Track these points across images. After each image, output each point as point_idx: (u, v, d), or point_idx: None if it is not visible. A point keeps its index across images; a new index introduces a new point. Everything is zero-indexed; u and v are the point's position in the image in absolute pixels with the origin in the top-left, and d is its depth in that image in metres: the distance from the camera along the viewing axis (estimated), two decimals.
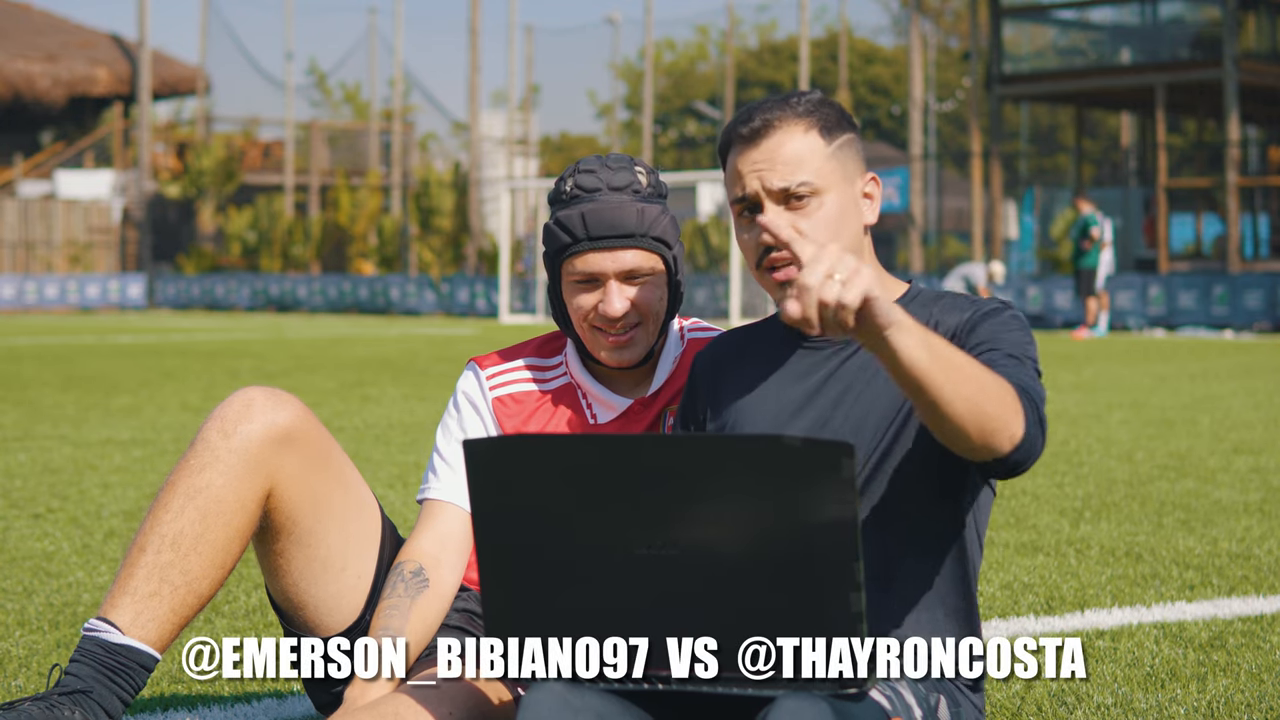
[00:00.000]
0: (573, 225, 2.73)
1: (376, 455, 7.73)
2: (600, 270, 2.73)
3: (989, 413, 2.16)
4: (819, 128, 2.47)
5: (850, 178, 2.49)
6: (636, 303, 2.75)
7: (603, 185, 2.75)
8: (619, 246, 2.73)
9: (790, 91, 2.53)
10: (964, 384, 2.13)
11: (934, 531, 2.46)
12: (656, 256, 2.76)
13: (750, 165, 2.46)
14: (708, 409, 2.62)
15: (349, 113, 58.75)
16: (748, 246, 2.48)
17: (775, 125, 2.45)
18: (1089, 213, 22.98)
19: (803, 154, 2.44)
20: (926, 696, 2.36)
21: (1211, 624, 4.03)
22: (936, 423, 2.16)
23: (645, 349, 2.80)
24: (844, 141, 2.49)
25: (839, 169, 2.47)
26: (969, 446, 2.19)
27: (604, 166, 2.78)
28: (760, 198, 2.45)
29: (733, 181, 2.49)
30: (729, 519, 2.03)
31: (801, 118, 2.46)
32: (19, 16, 46.23)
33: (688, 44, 61.73)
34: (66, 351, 18.20)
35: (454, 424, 2.88)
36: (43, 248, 40.90)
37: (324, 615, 2.77)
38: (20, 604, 4.32)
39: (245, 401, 2.68)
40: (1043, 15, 32.59)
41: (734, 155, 2.49)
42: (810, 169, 2.44)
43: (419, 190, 39.04)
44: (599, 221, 2.72)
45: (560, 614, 2.11)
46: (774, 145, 2.45)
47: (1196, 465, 7.40)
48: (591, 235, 2.72)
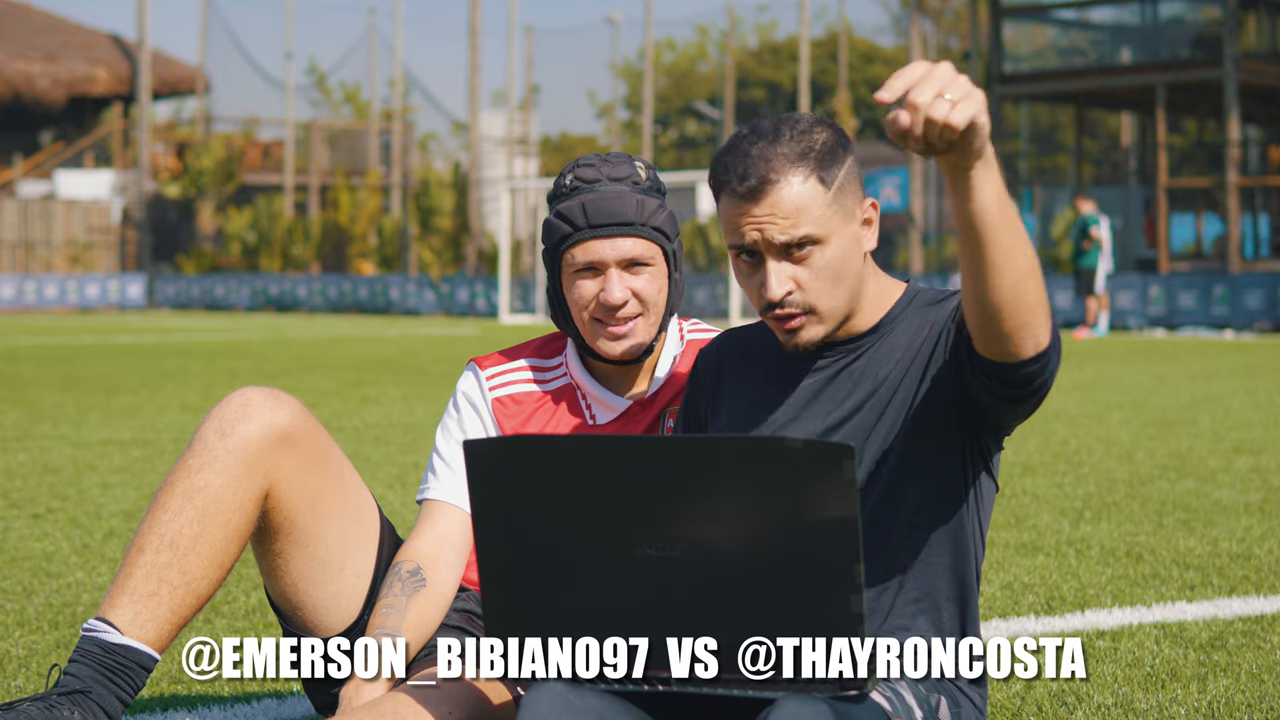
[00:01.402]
0: (573, 215, 2.75)
1: (376, 455, 7.73)
2: (600, 258, 2.74)
3: (1027, 300, 2.17)
4: (817, 174, 2.38)
5: (850, 214, 2.42)
6: (637, 292, 2.76)
7: (602, 177, 2.77)
8: (619, 234, 2.74)
9: (780, 120, 2.42)
10: (1017, 253, 2.13)
11: (935, 532, 2.46)
12: (656, 247, 2.78)
13: (749, 220, 2.38)
14: (710, 407, 2.62)
15: (349, 113, 58.75)
16: (750, 290, 2.44)
17: (772, 180, 2.36)
18: (1089, 212, 22.98)
19: (802, 205, 2.37)
20: (927, 697, 2.36)
21: (1212, 624, 4.03)
22: (978, 288, 2.16)
23: (646, 341, 2.79)
24: (843, 178, 2.41)
25: (839, 212, 2.40)
26: (996, 332, 2.19)
27: (603, 161, 2.81)
28: (760, 249, 2.40)
29: (729, 227, 2.42)
30: (730, 520, 2.02)
31: (797, 165, 2.36)
32: (19, 16, 46.23)
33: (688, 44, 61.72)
34: (66, 351, 18.20)
35: (454, 424, 2.88)
36: (42, 248, 40.89)
37: (322, 615, 2.77)
38: (20, 604, 4.32)
39: (243, 402, 2.68)
40: (1043, 15, 32.59)
41: (728, 204, 2.41)
42: (811, 220, 2.37)
43: (419, 190, 39.04)
44: (599, 210, 2.73)
45: (560, 614, 2.11)
46: (772, 202, 2.37)
47: (1197, 465, 7.40)
48: (592, 223, 2.73)
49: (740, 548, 2.03)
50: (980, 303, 2.17)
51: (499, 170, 42.26)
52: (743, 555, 2.03)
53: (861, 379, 2.47)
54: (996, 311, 2.17)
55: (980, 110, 2.03)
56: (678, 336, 2.92)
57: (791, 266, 2.40)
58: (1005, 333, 2.19)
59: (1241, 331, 24.75)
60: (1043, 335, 2.21)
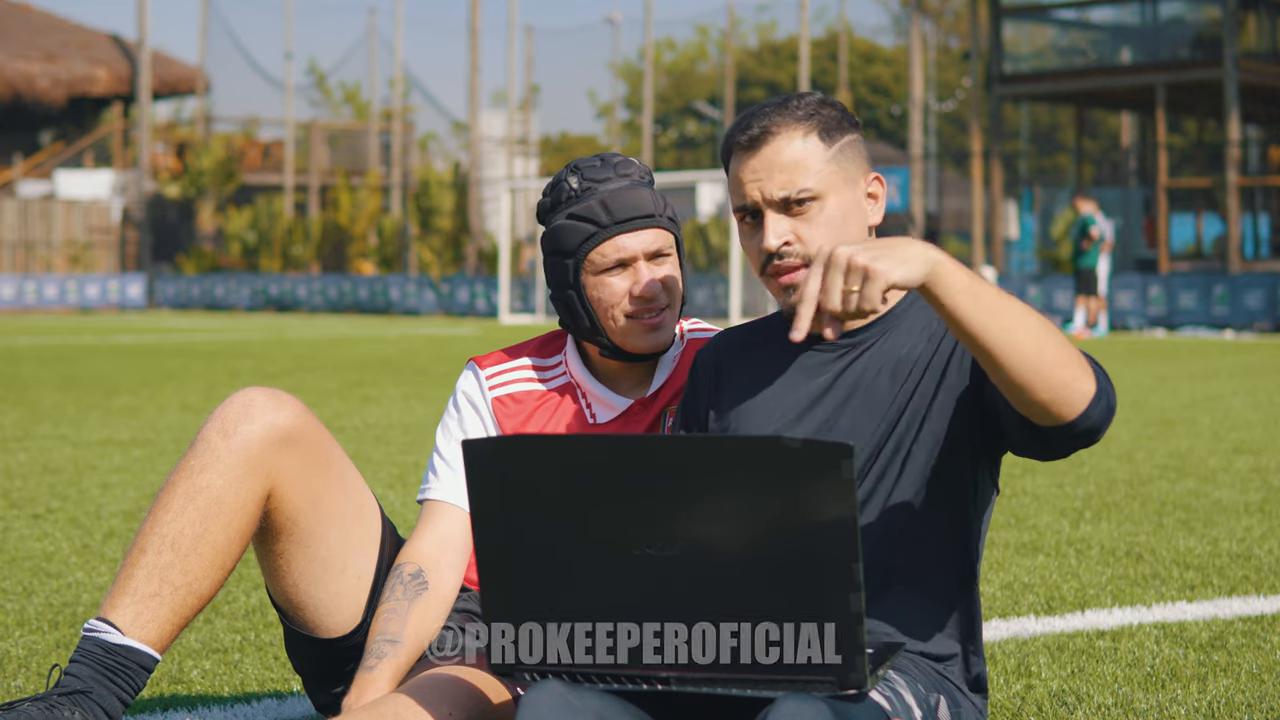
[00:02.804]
0: (594, 214, 2.75)
1: (376, 455, 7.73)
2: (630, 252, 2.75)
3: (1050, 364, 2.14)
4: (818, 131, 2.45)
5: (853, 179, 2.47)
6: (665, 282, 2.78)
7: (611, 174, 2.79)
8: (644, 226, 2.75)
9: (790, 94, 2.51)
10: (1016, 331, 2.13)
11: (936, 533, 2.45)
12: (672, 237, 2.81)
13: (750, 174, 2.44)
14: (710, 406, 2.62)
15: (349, 113, 58.76)
16: (751, 252, 2.49)
17: (773, 132, 2.43)
18: (1089, 213, 22.98)
19: (802, 159, 2.43)
20: (926, 697, 2.36)
21: (1212, 624, 4.03)
22: (998, 377, 2.17)
23: (674, 331, 2.82)
24: (845, 143, 2.47)
25: (840, 172, 2.45)
26: (1033, 403, 2.17)
27: (604, 162, 2.82)
28: (760, 207, 2.44)
29: (734, 189, 2.48)
30: (728, 518, 2.03)
31: (800, 122, 2.44)
32: (19, 16, 46.23)
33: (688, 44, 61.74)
34: (66, 351, 18.21)
35: (454, 424, 2.88)
36: (42, 248, 40.89)
37: (324, 615, 2.77)
38: (20, 604, 4.32)
39: (246, 402, 2.68)
40: (1043, 15, 32.59)
41: (734, 163, 2.48)
42: (810, 174, 2.42)
43: (419, 190, 39.04)
44: (622, 205, 2.75)
45: (559, 613, 2.11)
46: (772, 152, 2.43)
47: (1196, 465, 7.40)
48: (617, 219, 2.74)
49: (739, 547, 2.03)
50: (1007, 386, 2.18)
51: (499, 170, 42.26)
52: (741, 554, 2.03)
53: (863, 378, 2.47)
54: (1026, 388, 2.16)
55: (887, 278, 2.07)
56: (678, 336, 2.92)
57: (790, 220, 2.44)
58: (1044, 401, 2.17)
59: (1241, 331, 24.75)
60: (1084, 384, 2.18)
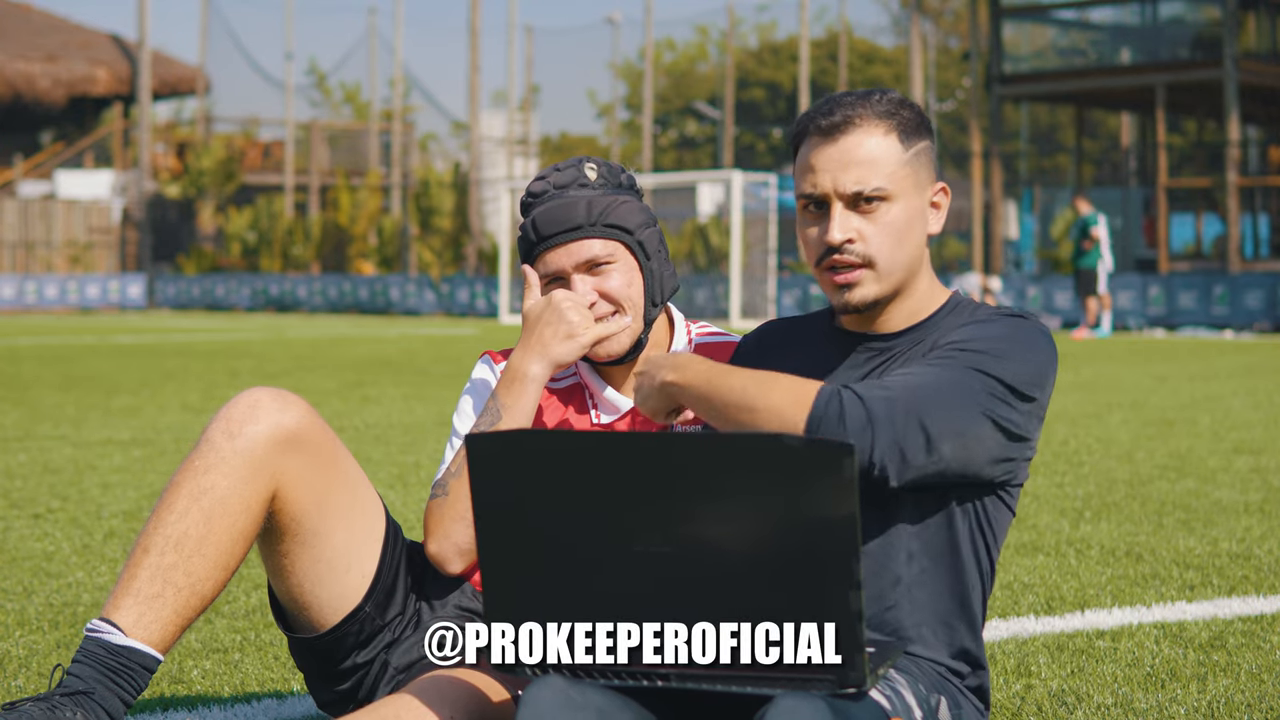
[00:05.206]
0: (528, 231, 2.82)
1: (376, 455, 7.73)
2: (559, 267, 2.79)
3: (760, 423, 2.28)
4: (898, 131, 2.42)
5: (922, 186, 2.45)
6: (603, 291, 2.79)
7: (549, 188, 2.84)
8: (568, 240, 2.78)
9: (872, 88, 2.47)
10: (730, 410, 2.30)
11: (942, 534, 2.45)
12: (615, 243, 2.80)
13: (825, 162, 2.41)
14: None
15: (349, 113, 58.74)
16: (810, 241, 2.45)
17: (856, 123, 2.40)
18: (1088, 213, 22.97)
19: (878, 157, 2.40)
20: (927, 697, 2.35)
21: (1211, 624, 4.03)
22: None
23: (630, 338, 2.82)
24: (921, 148, 2.45)
25: (912, 176, 2.43)
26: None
27: (553, 170, 2.87)
28: (830, 198, 2.41)
29: (803, 174, 2.44)
30: (730, 517, 2.03)
31: (882, 119, 2.41)
32: (19, 16, 46.22)
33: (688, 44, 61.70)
34: (66, 351, 18.21)
35: (469, 408, 2.92)
36: (43, 248, 40.89)
37: (328, 615, 2.78)
38: (20, 604, 4.32)
39: (251, 402, 2.68)
40: (1043, 15, 32.59)
41: (808, 147, 2.44)
42: (884, 174, 2.40)
43: (419, 190, 39.04)
44: (547, 221, 2.80)
45: (560, 609, 2.11)
46: (852, 144, 2.40)
47: (1196, 465, 7.40)
48: (542, 235, 2.80)
49: (740, 545, 2.03)
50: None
51: (499, 170, 42.27)
52: (743, 552, 2.03)
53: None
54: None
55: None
56: (685, 339, 2.93)
57: (857, 217, 2.41)
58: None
59: (1241, 331, 24.75)
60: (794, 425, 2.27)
